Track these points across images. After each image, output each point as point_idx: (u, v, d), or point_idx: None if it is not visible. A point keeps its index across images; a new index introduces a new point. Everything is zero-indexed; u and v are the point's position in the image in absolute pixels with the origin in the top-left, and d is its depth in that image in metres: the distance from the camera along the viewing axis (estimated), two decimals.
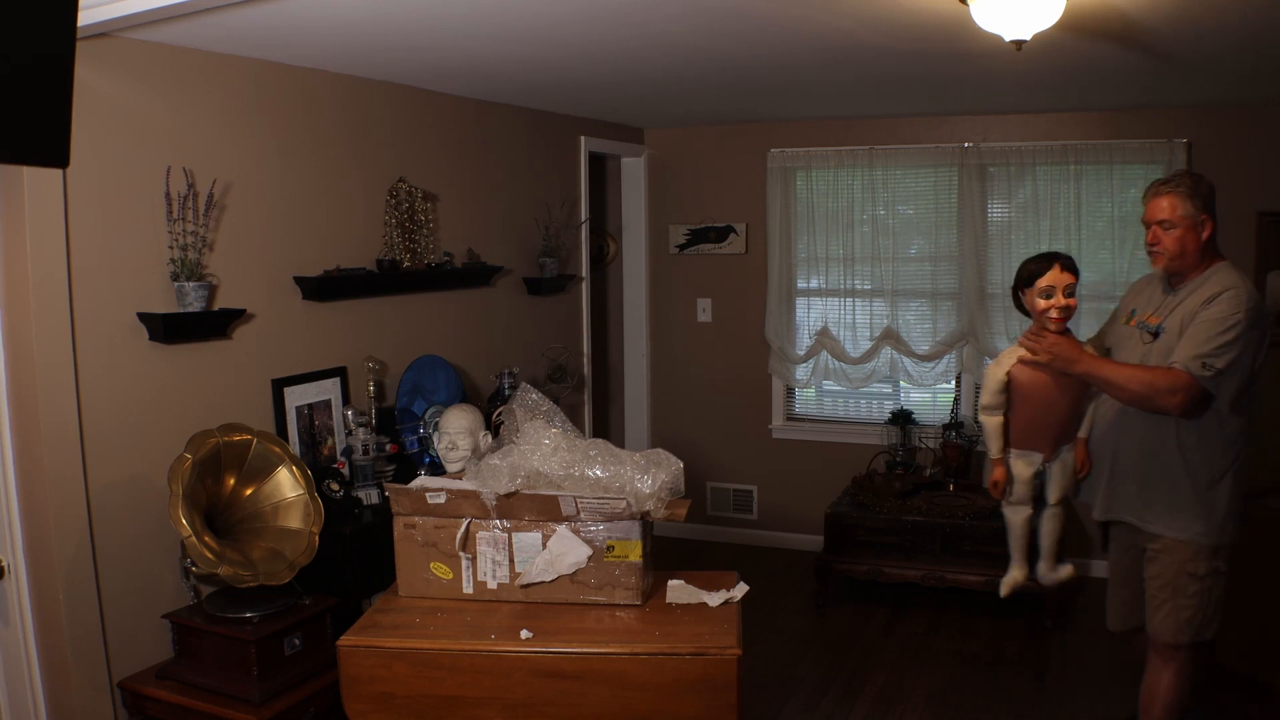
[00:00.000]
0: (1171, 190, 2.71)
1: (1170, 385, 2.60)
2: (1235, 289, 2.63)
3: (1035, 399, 2.81)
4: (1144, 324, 2.81)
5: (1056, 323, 2.73)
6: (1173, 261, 2.72)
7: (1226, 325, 2.58)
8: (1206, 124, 4.59)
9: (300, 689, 2.70)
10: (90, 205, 2.65)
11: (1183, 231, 2.71)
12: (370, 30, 2.80)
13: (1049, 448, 2.91)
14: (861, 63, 3.42)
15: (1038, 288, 2.74)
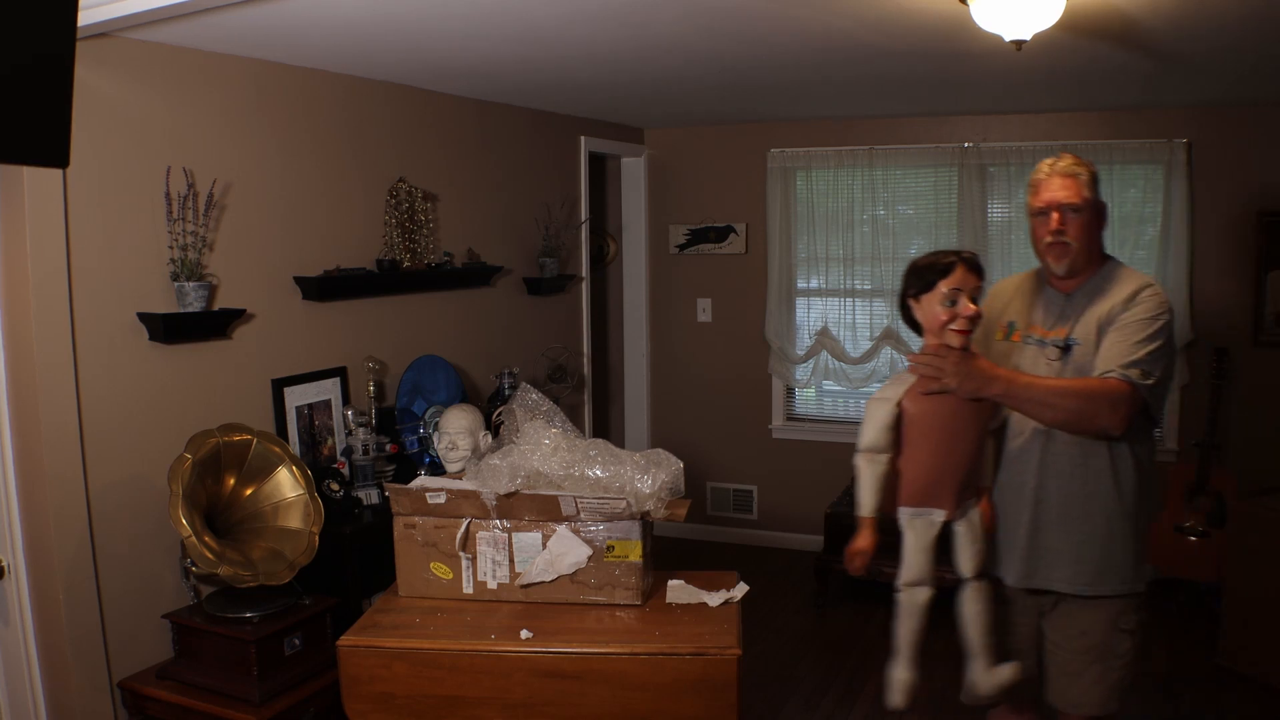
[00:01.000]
0: (1075, 169, 2.35)
1: (1112, 397, 2.14)
2: (1153, 286, 2.28)
3: (935, 437, 2.19)
4: (1042, 339, 2.35)
5: (962, 336, 2.14)
6: (1079, 256, 2.30)
7: (1156, 327, 2.21)
8: (1206, 124, 4.59)
9: (300, 689, 2.70)
10: (90, 205, 2.65)
11: (1089, 218, 2.31)
12: (370, 30, 2.80)
13: (952, 501, 2.23)
14: (861, 63, 3.41)
15: (938, 293, 2.15)
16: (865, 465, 2.22)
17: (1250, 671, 3.84)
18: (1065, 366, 2.29)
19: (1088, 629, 2.36)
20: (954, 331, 2.15)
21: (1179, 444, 4.81)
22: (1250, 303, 4.62)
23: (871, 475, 2.22)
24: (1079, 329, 2.30)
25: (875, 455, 2.21)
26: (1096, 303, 2.29)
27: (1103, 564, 2.30)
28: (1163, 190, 4.66)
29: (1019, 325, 2.42)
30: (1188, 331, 4.68)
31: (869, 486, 2.23)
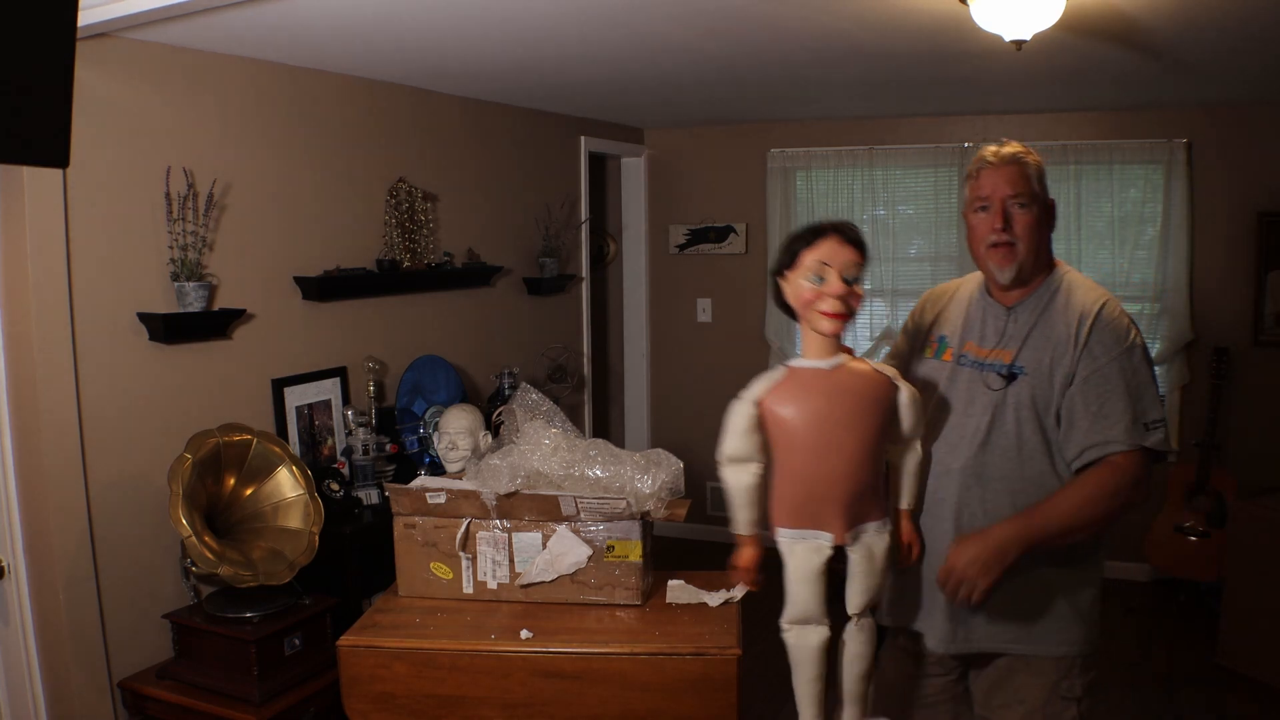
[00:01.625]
0: (1021, 157, 1.97)
1: (1130, 478, 1.86)
2: (1109, 301, 1.96)
3: (805, 444, 1.78)
4: (980, 362, 2.00)
5: (832, 321, 1.76)
6: (1026, 261, 1.95)
7: (1136, 360, 1.90)
8: (1206, 124, 4.59)
9: (300, 689, 2.70)
10: (90, 205, 2.65)
11: (1038, 216, 1.95)
12: (370, 30, 2.80)
13: (840, 523, 1.80)
14: (862, 63, 3.42)
15: (802, 266, 1.77)
16: (731, 476, 1.86)
17: (1250, 671, 3.84)
18: (1006, 398, 1.94)
19: (1024, 696, 2.00)
20: (822, 315, 1.77)
21: (1179, 444, 4.81)
22: (1250, 303, 4.62)
23: (741, 487, 1.85)
24: (1026, 355, 1.95)
25: (740, 465, 1.84)
26: (1045, 323, 1.96)
27: (1043, 620, 1.97)
28: (1163, 190, 4.66)
29: (951, 342, 2.06)
30: (1188, 331, 4.68)
31: (741, 500, 1.86)
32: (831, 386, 1.79)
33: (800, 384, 1.79)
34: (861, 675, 1.93)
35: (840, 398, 1.79)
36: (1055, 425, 1.93)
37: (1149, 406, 1.89)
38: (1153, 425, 1.89)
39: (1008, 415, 1.94)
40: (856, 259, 1.78)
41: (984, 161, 1.99)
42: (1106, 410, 1.87)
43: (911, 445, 1.93)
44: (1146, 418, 1.88)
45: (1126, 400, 1.87)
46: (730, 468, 1.85)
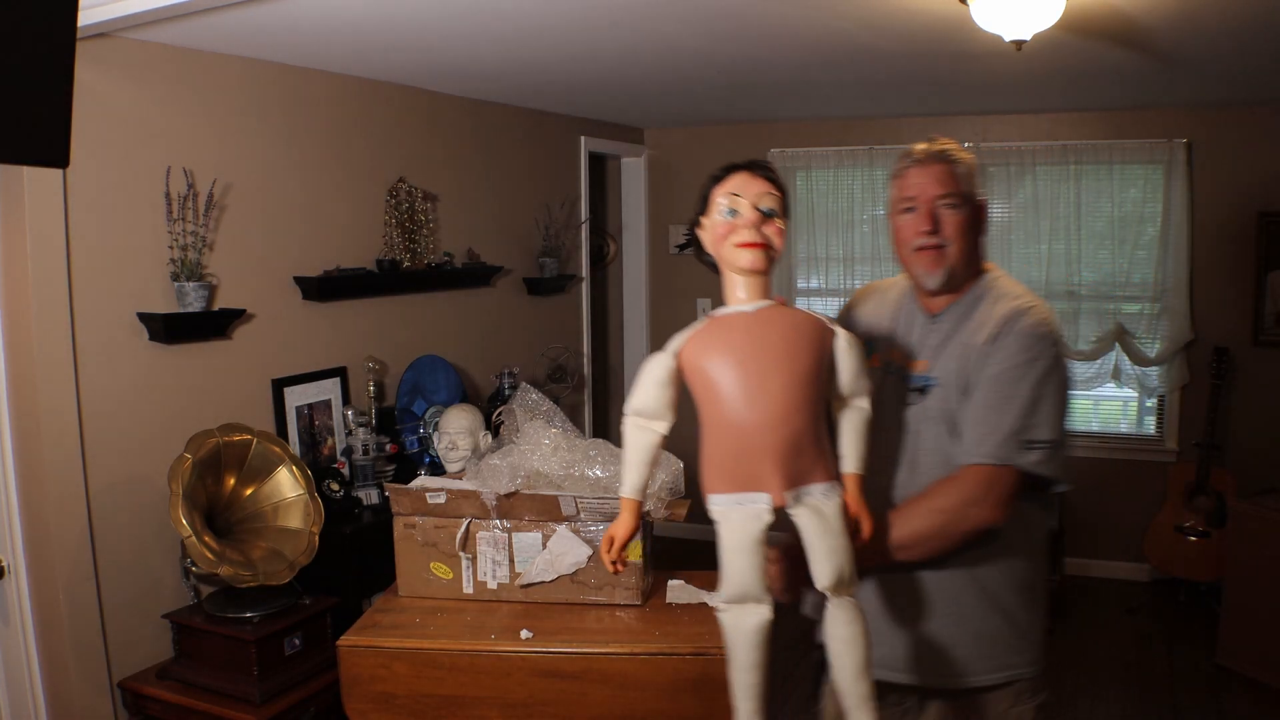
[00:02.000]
0: (951, 154, 1.82)
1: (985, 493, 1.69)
2: (1031, 309, 1.79)
3: (730, 391, 1.58)
4: (902, 371, 1.87)
5: (753, 253, 1.60)
6: (956, 265, 1.81)
7: (1037, 373, 1.72)
8: (1206, 124, 4.59)
9: (300, 689, 2.70)
10: (90, 205, 2.65)
11: (967, 217, 1.81)
12: (370, 30, 2.80)
13: (777, 479, 1.56)
14: (861, 63, 3.41)
15: (715, 203, 1.65)
16: (632, 431, 1.67)
17: (1250, 671, 3.84)
18: (924, 412, 1.81)
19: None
20: (739, 247, 1.61)
21: (1179, 444, 4.81)
22: (1250, 303, 4.62)
23: (640, 444, 1.67)
24: (940, 366, 1.80)
25: (645, 420, 1.66)
26: (964, 330, 1.81)
27: (986, 648, 1.82)
28: (1163, 190, 4.66)
29: (878, 347, 1.92)
30: (1188, 331, 4.68)
31: (636, 459, 1.68)
32: (754, 327, 1.60)
33: (721, 328, 1.62)
34: (857, 669, 1.58)
35: (766, 338, 1.59)
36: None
37: (1038, 425, 1.70)
38: (1035, 444, 1.70)
39: (926, 432, 1.80)
40: (769, 189, 1.63)
41: (910, 159, 1.83)
42: (985, 418, 1.72)
43: (853, 402, 1.67)
44: (1029, 435, 1.69)
45: (1014, 413, 1.70)
46: (633, 421, 1.66)
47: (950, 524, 1.70)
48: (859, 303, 2.04)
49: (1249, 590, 3.86)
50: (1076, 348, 4.86)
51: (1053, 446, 1.71)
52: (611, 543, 1.74)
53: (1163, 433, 4.91)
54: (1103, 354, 4.84)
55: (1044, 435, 1.71)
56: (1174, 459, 4.78)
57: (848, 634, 1.58)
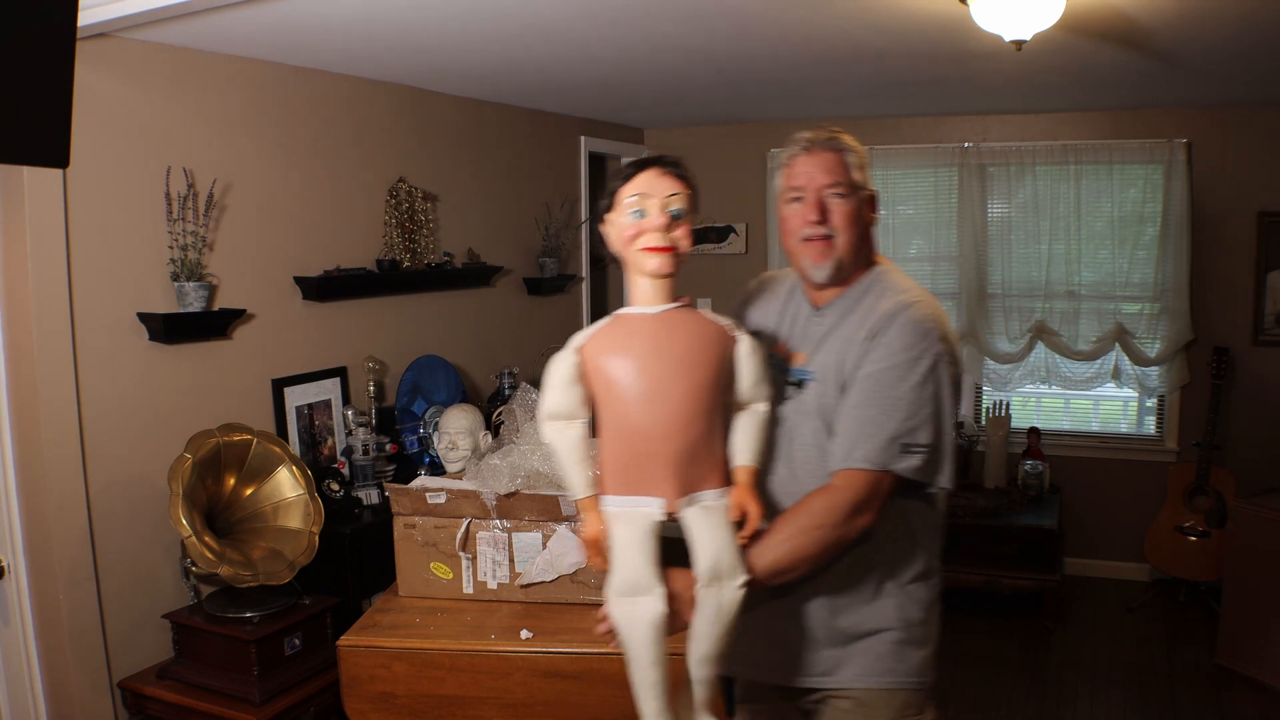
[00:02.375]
0: (840, 143, 1.75)
1: (858, 499, 1.63)
2: (914, 305, 1.70)
3: (629, 394, 1.57)
4: (784, 364, 1.80)
5: (660, 258, 1.57)
6: (845, 257, 1.74)
7: (917, 375, 1.64)
8: (1206, 124, 4.59)
9: (300, 689, 2.70)
10: (90, 205, 2.65)
11: (857, 207, 1.75)
12: (370, 30, 2.80)
13: (671, 485, 1.55)
14: (861, 63, 3.41)
15: (621, 203, 1.60)
16: (555, 436, 1.63)
17: (1250, 671, 3.84)
18: (800, 407, 1.75)
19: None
20: (646, 251, 1.57)
21: (1179, 444, 4.81)
22: (1250, 303, 4.62)
23: (568, 444, 1.63)
24: (819, 360, 1.74)
25: (564, 422, 1.63)
26: (846, 324, 1.75)
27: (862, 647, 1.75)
28: (1163, 190, 4.66)
29: (764, 340, 1.84)
30: (1188, 331, 4.68)
31: (572, 458, 1.63)
32: (658, 331, 1.58)
33: (625, 330, 1.60)
34: (702, 657, 1.54)
35: (668, 344, 1.57)
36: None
37: (919, 427, 1.64)
38: (914, 449, 1.64)
39: (804, 428, 1.73)
40: (680, 189, 1.61)
41: (797, 147, 1.77)
42: (862, 418, 1.65)
43: (752, 406, 1.65)
44: (910, 439, 1.63)
45: (889, 412, 1.63)
46: (552, 425, 1.63)
47: (830, 539, 1.62)
48: (751, 294, 1.98)
49: (1249, 590, 3.86)
50: (1076, 348, 4.86)
51: (931, 450, 1.66)
52: (596, 545, 1.66)
53: (1163, 433, 4.91)
54: (1103, 354, 4.84)
55: (923, 439, 1.65)
56: (1174, 459, 4.78)
57: (706, 629, 1.54)
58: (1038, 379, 5.01)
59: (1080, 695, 3.77)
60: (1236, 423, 4.65)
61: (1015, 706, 3.69)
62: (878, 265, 1.82)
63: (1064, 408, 5.18)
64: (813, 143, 1.75)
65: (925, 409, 1.65)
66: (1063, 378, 4.94)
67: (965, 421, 5.09)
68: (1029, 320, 4.92)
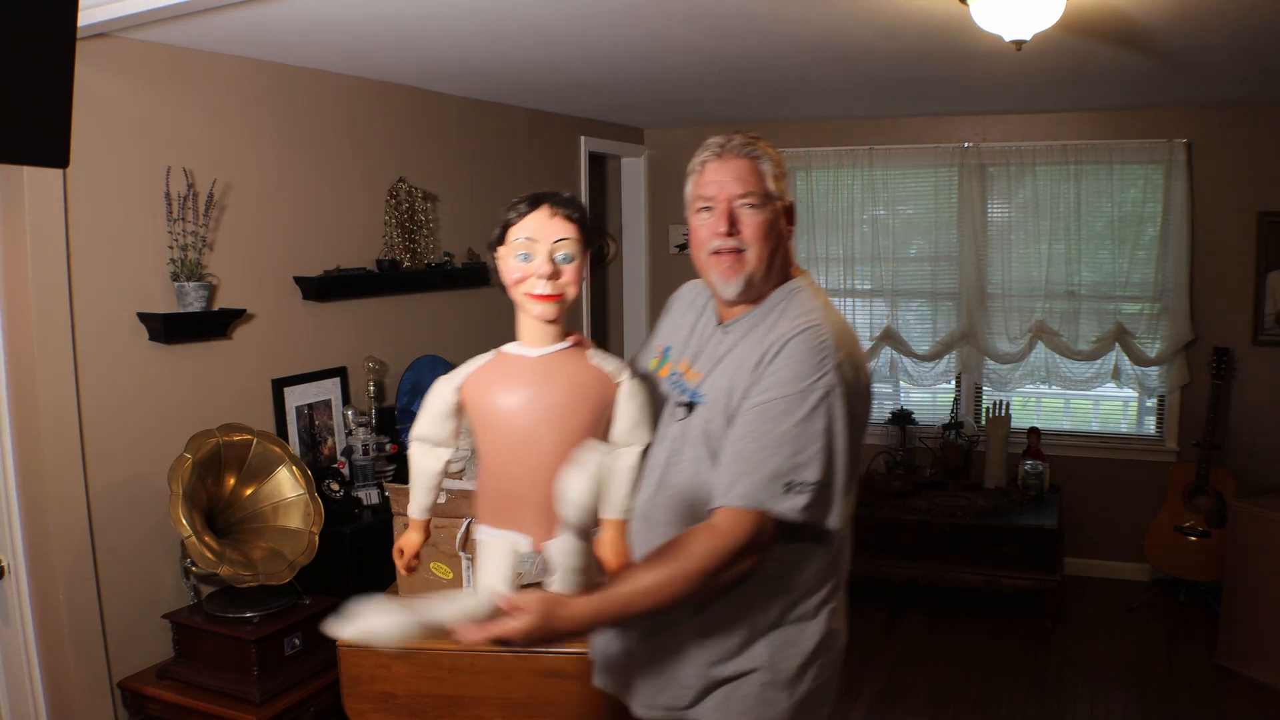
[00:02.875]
0: (754, 149, 1.64)
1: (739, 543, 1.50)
2: (815, 326, 1.58)
3: (501, 438, 1.57)
4: (680, 382, 1.71)
5: (543, 304, 1.54)
6: (758, 273, 1.63)
7: (806, 408, 1.53)
8: (1206, 124, 4.59)
9: (300, 689, 2.70)
10: (90, 205, 2.65)
11: (771, 220, 1.63)
12: (370, 30, 2.80)
13: (538, 529, 1.53)
14: (862, 63, 3.42)
15: (510, 242, 1.55)
16: (417, 455, 1.66)
17: (1250, 671, 3.85)
18: (687, 430, 1.65)
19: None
20: (531, 298, 1.54)
21: (1179, 444, 4.81)
22: (1250, 303, 4.62)
23: (424, 470, 1.66)
24: (712, 381, 1.64)
25: (429, 447, 1.66)
26: (744, 345, 1.64)
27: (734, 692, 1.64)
28: (1163, 190, 4.66)
29: (672, 354, 1.77)
30: (1188, 331, 4.68)
31: (421, 484, 1.67)
32: (536, 377, 1.55)
33: (504, 370, 1.57)
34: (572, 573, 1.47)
35: (543, 390, 1.54)
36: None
37: (807, 464, 1.52)
38: (799, 487, 1.51)
39: (685, 453, 1.64)
40: (570, 234, 1.53)
41: (709, 152, 1.66)
42: (745, 453, 1.53)
43: (629, 450, 1.57)
44: (794, 476, 1.51)
45: (774, 448, 1.52)
46: (421, 447, 1.66)
47: (704, 584, 1.49)
48: (673, 302, 1.89)
49: (1249, 590, 3.86)
50: (1076, 348, 4.86)
51: (819, 488, 1.53)
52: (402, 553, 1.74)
53: (1163, 433, 4.91)
54: (1103, 354, 4.84)
55: (809, 477, 1.52)
56: (1174, 459, 4.78)
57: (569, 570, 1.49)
58: (1038, 379, 5.01)
59: (1080, 695, 3.77)
60: (1236, 423, 4.65)
61: (1015, 706, 3.69)
62: (793, 280, 1.70)
63: (1064, 408, 5.18)
64: (725, 148, 1.64)
65: (814, 445, 1.52)
66: (1063, 378, 4.94)
67: (965, 421, 5.09)
68: (1029, 320, 4.92)
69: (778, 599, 1.63)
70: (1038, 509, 4.59)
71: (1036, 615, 4.39)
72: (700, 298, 1.81)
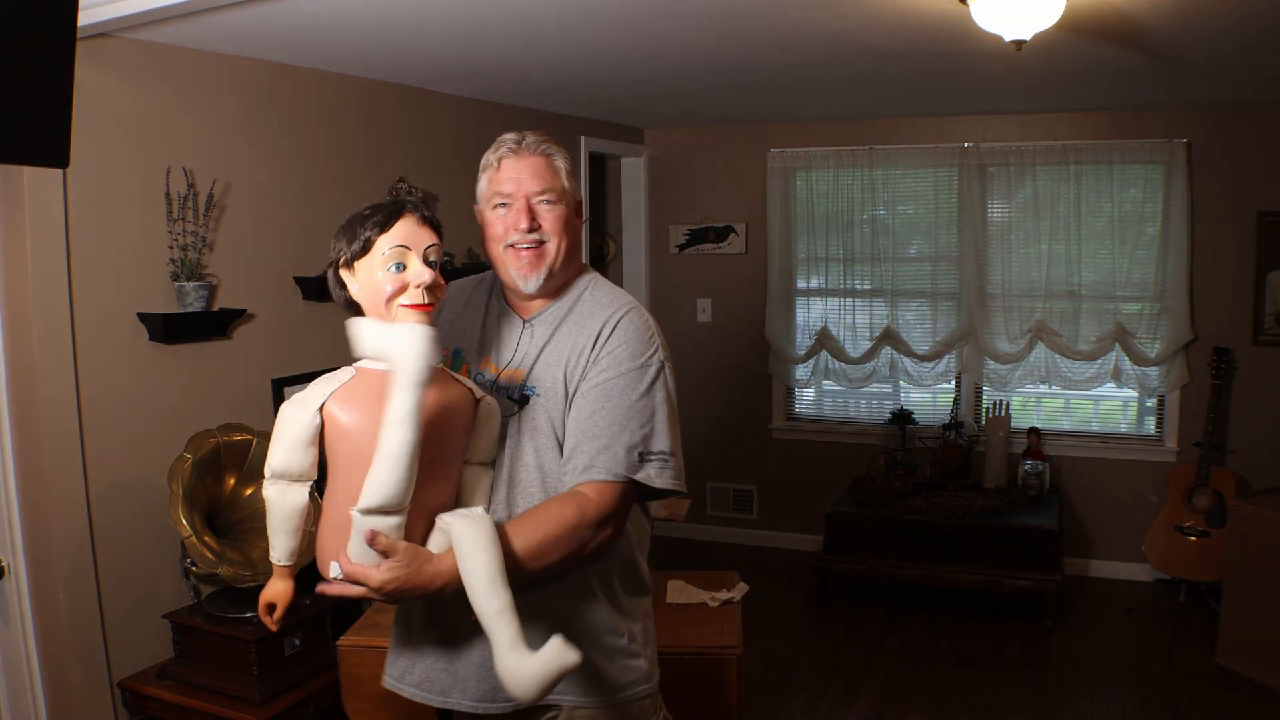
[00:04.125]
0: (548, 147, 1.71)
1: (601, 511, 1.58)
2: (630, 310, 1.69)
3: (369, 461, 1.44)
4: (494, 381, 1.71)
5: (420, 315, 1.51)
6: (558, 264, 1.70)
7: (647, 380, 1.64)
8: (1206, 124, 4.59)
9: (300, 689, 2.70)
10: (90, 205, 2.65)
11: (568, 215, 1.72)
12: (370, 30, 2.80)
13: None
14: (862, 63, 3.42)
15: (378, 255, 1.51)
16: (278, 494, 1.55)
17: (1250, 671, 3.84)
18: (521, 425, 1.67)
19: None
20: (408, 309, 1.50)
21: (1179, 444, 4.81)
22: (1250, 302, 4.62)
23: (291, 509, 1.56)
24: (539, 373, 1.68)
25: (291, 483, 1.55)
26: (562, 334, 1.69)
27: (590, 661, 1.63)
28: (1163, 190, 4.66)
29: (467, 356, 1.77)
30: (1188, 331, 4.68)
31: (287, 525, 1.58)
32: None
33: (373, 388, 1.47)
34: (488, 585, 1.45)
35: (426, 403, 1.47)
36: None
37: (654, 435, 1.62)
38: (650, 456, 1.61)
39: (525, 447, 1.66)
40: (436, 240, 1.54)
41: (505, 148, 1.70)
42: (597, 430, 1.60)
43: (484, 468, 1.63)
44: (645, 446, 1.61)
45: (623, 422, 1.60)
46: (277, 485, 1.54)
47: (574, 551, 1.55)
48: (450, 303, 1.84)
49: (1249, 590, 3.86)
50: (1076, 348, 4.86)
51: (669, 455, 1.64)
52: (272, 608, 1.65)
53: (1163, 433, 4.91)
54: (1103, 354, 4.84)
55: (659, 446, 1.63)
56: (1174, 459, 4.78)
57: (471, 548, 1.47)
58: (1038, 379, 5.01)
59: (1080, 695, 3.77)
60: (1236, 423, 4.65)
61: (1015, 706, 3.69)
62: (586, 274, 1.78)
63: (1064, 408, 5.19)
64: (521, 145, 1.69)
65: (658, 415, 1.64)
66: (1063, 378, 4.94)
67: (965, 421, 5.09)
68: (1029, 320, 4.92)
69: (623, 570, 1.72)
70: (1038, 509, 4.59)
71: (1036, 615, 4.39)
72: (478, 296, 1.82)
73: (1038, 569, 4.36)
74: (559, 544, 1.53)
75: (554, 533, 1.53)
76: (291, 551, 1.61)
